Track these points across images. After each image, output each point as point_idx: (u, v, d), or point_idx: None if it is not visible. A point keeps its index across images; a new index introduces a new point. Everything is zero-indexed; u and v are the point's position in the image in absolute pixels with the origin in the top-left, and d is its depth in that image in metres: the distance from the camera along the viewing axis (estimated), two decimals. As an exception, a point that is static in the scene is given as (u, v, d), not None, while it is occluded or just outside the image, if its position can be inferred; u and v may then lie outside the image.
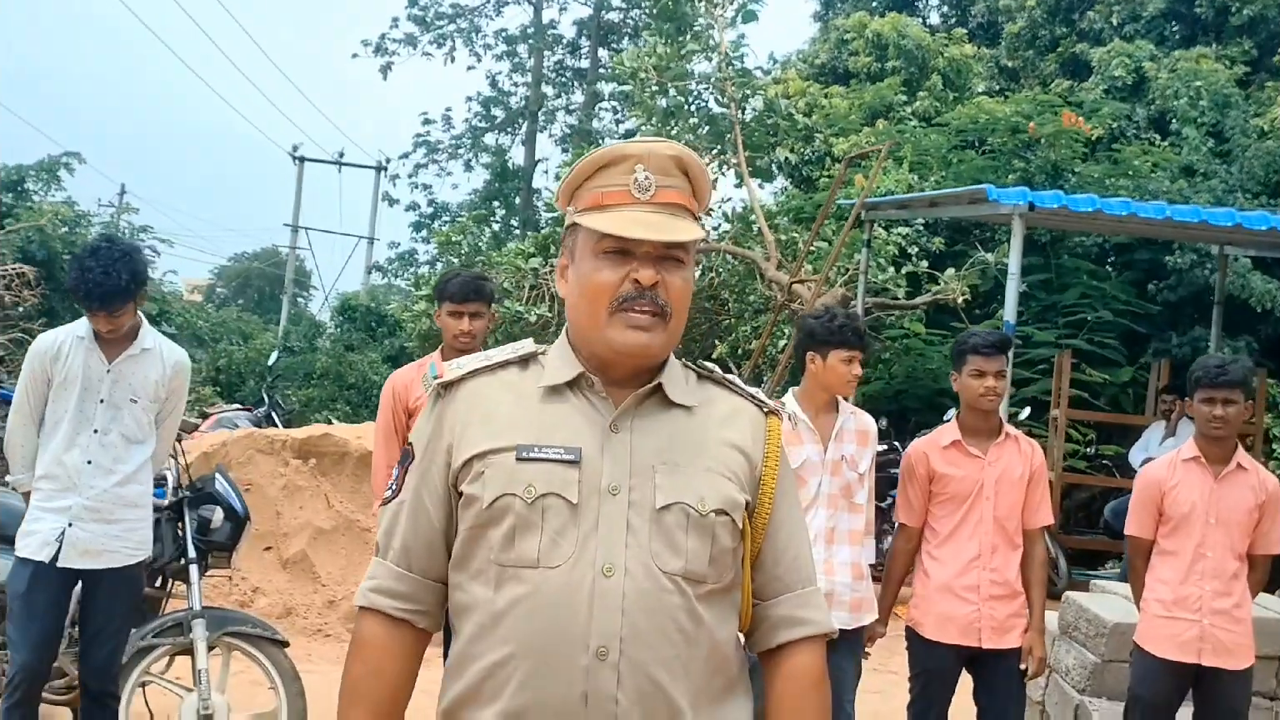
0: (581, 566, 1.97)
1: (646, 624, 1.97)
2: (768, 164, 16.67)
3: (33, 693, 4.81)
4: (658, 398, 2.10)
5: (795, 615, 2.17)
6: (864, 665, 5.10)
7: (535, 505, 1.99)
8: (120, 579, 4.83)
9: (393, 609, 2.12)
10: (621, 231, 2.02)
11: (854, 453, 4.78)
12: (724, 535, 2.05)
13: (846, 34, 19.85)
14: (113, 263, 4.64)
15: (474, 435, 2.08)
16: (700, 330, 16.17)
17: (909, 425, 13.50)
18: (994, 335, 5.00)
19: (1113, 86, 17.11)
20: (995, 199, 9.73)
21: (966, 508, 4.87)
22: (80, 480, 4.75)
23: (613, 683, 1.95)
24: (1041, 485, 4.96)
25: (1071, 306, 13.94)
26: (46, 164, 20.91)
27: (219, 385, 23.52)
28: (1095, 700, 5.93)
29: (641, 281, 2.02)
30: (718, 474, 2.07)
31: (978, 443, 4.92)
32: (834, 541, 4.72)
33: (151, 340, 4.95)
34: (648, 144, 2.09)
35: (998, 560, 4.85)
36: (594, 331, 2.07)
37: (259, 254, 56.51)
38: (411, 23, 35.58)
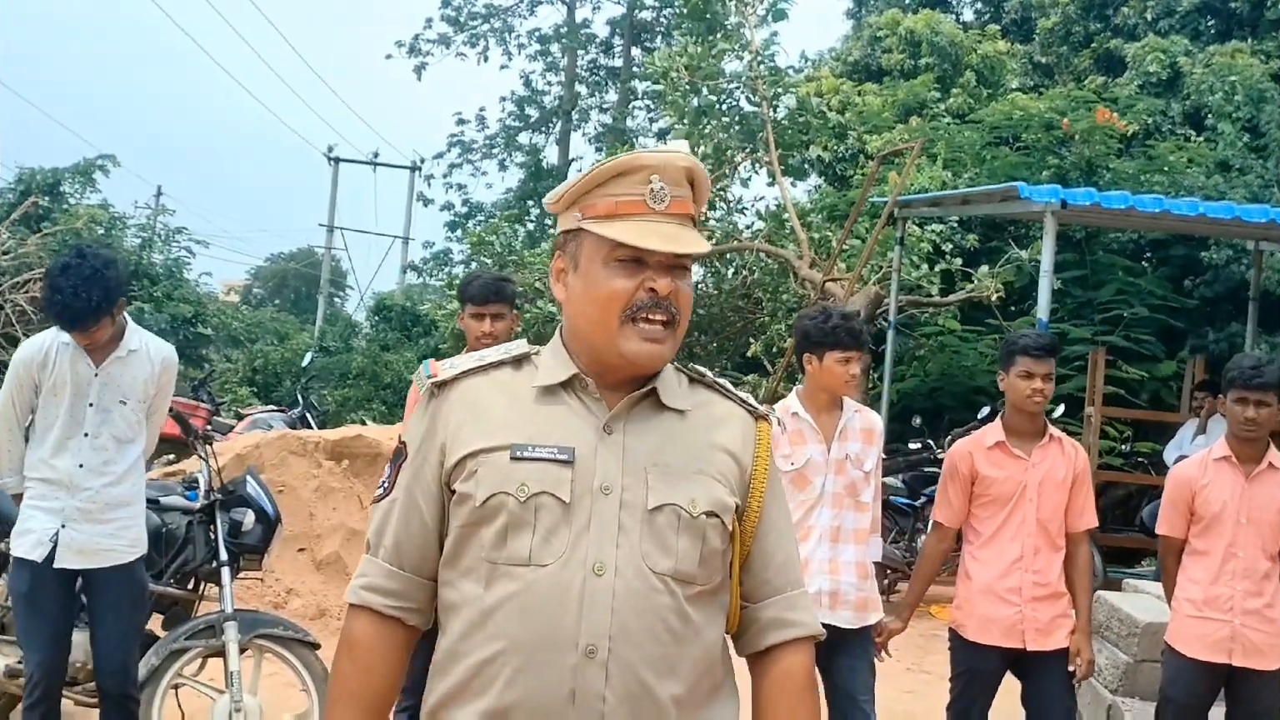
0: (573, 565, 1.98)
1: (636, 623, 1.98)
2: (800, 162, 16.66)
3: (51, 691, 4.85)
4: (651, 401, 2.12)
5: (784, 617, 2.18)
6: (899, 665, 5.07)
7: (528, 504, 2.00)
8: (120, 577, 4.85)
9: (383, 606, 2.13)
10: (640, 243, 2.03)
11: (859, 451, 4.76)
12: (714, 537, 2.07)
13: (879, 31, 19.79)
14: (83, 282, 4.58)
15: (467, 434, 2.09)
16: (734, 329, 16.17)
17: (943, 423, 13.46)
18: (1044, 337, 4.97)
19: (1147, 82, 16.99)
20: (1027, 196, 9.68)
21: (1009, 509, 4.85)
22: (73, 483, 4.78)
23: (600, 681, 1.96)
24: (1085, 488, 4.93)
25: (1107, 303, 13.85)
26: (82, 167, 21.08)
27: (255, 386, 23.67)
28: (1128, 700, 5.91)
29: (659, 290, 2.04)
30: (709, 477, 2.09)
31: (1022, 444, 4.89)
32: (839, 540, 4.70)
33: (138, 341, 4.94)
34: (663, 155, 2.11)
35: (1040, 562, 4.82)
36: (604, 339, 2.07)
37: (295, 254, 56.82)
38: (445, 23, 35.73)
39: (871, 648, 4.83)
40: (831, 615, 4.64)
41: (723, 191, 15.52)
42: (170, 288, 21.15)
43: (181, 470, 8.61)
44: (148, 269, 20.99)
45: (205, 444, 5.53)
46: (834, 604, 4.66)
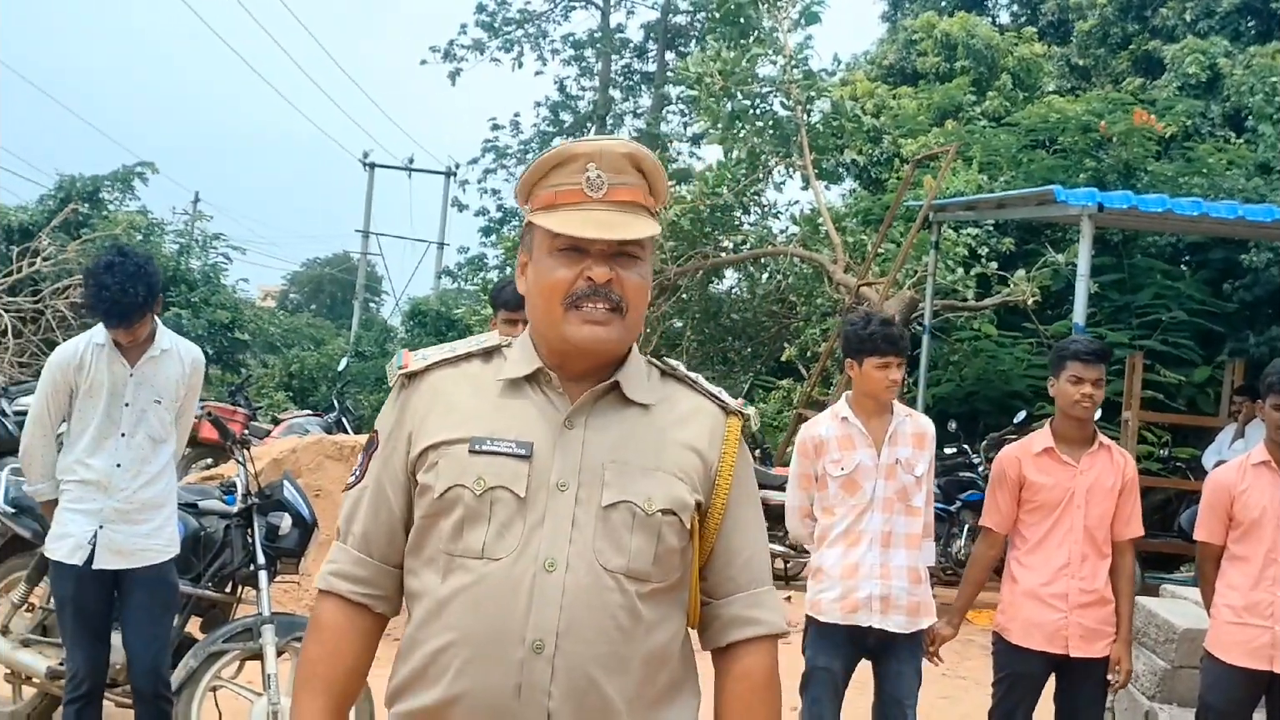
0: (524, 560, 1.99)
1: (584, 620, 1.98)
2: (835, 166, 16.61)
3: (93, 691, 4.94)
4: (615, 395, 2.11)
5: (746, 615, 2.17)
6: (934, 670, 5.06)
7: (484, 497, 2.01)
8: (153, 577, 4.92)
9: (350, 593, 2.16)
10: (573, 231, 2.03)
11: (910, 456, 4.75)
12: (670, 535, 2.06)
13: (915, 34, 19.73)
14: (128, 279, 4.70)
15: (432, 425, 2.11)
16: (768, 334, 16.15)
17: (979, 428, 13.40)
18: (1094, 343, 4.95)
19: (1186, 84, 16.86)
20: (1063, 200, 9.62)
21: (1056, 516, 4.83)
22: (112, 483, 4.85)
23: (546, 676, 1.96)
24: (1133, 496, 4.89)
25: (1145, 307, 13.76)
26: (121, 174, 21.24)
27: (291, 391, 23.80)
28: (1165, 707, 5.87)
29: (595, 279, 2.04)
30: (668, 474, 2.08)
31: (1070, 450, 4.87)
32: (890, 545, 4.69)
33: (169, 341, 5.03)
34: (599, 142, 2.10)
35: (1087, 569, 4.80)
36: (550, 328, 2.08)
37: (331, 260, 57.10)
38: (479, 29, 35.79)
39: (921, 653, 4.82)
40: (883, 620, 4.64)
41: (757, 196, 15.51)
42: (208, 293, 21.30)
43: (218, 474, 8.66)
44: (185, 275, 21.15)
45: (243, 449, 5.57)
46: (885, 609, 4.65)
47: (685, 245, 14.68)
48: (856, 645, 4.75)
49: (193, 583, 5.42)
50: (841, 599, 4.69)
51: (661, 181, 2.15)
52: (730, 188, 14.57)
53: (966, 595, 5.14)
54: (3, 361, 16.24)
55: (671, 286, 14.90)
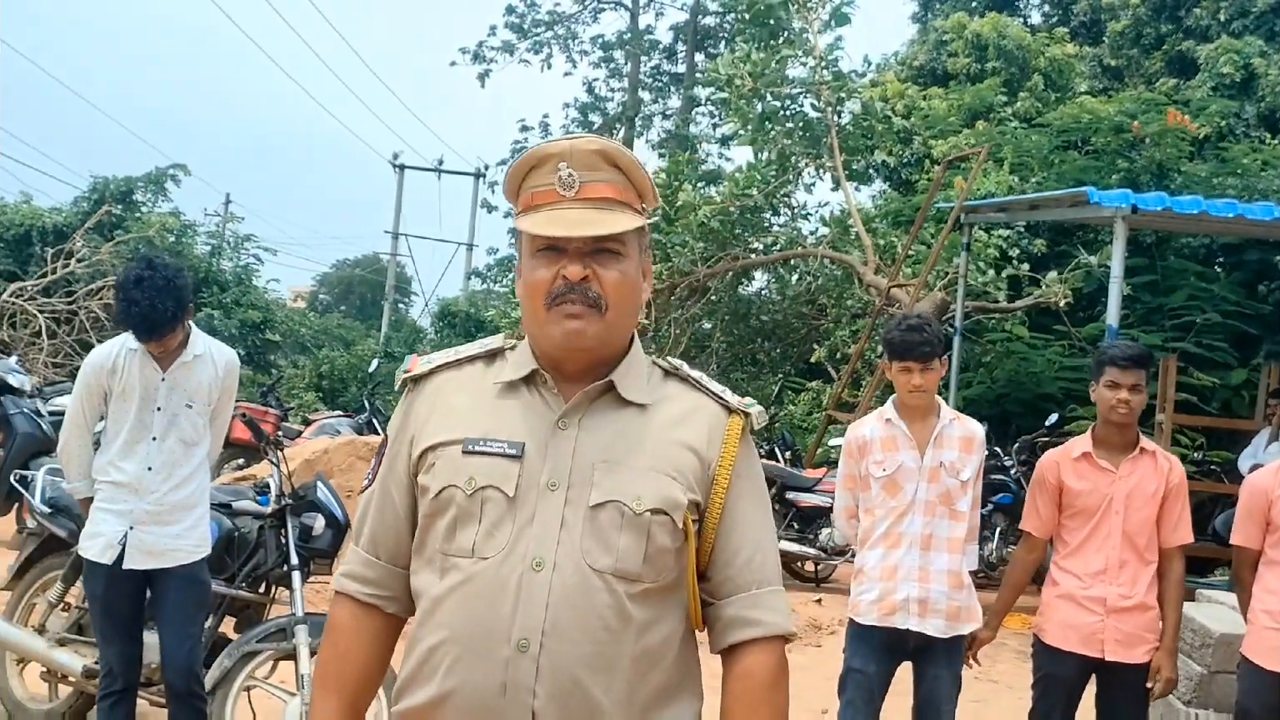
0: (512, 559, 2.00)
1: (570, 619, 1.98)
2: (865, 167, 16.58)
3: (126, 688, 4.98)
4: (612, 395, 2.11)
5: (746, 615, 2.14)
6: (967, 673, 5.03)
7: (474, 497, 2.03)
8: (185, 577, 4.95)
9: (361, 594, 2.18)
10: (542, 230, 2.05)
11: (955, 459, 4.71)
12: (661, 535, 2.05)
13: (945, 35, 19.68)
14: (157, 293, 4.73)
15: (432, 427, 2.13)
16: (798, 335, 16.14)
17: (1011, 430, 13.34)
18: (1133, 348, 4.88)
19: (1220, 84, 16.77)
20: (1097, 201, 9.57)
21: (1095, 522, 4.78)
22: (143, 486, 4.88)
23: (531, 675, 1.96)
24: (1179, 502, 4.82)
25: (1179, 309, 13.66)
26: (154, 175, 21.41)
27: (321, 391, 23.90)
28: (1202, 712, 5.82)
29: (569, 277, 2.04)
30: (660, 473, 2.06)
31: (1110, 456, 4.82)
32: (931, 549, 4.66)
33: (202, 346, 5.05)
34: (570, 141, 2.10)
35: (1125, 575, 4.75)
36: (536, 328, 2.10)
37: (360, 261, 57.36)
38: (509, 30, 35.90)
39: (960, 658, 4.79)
40: (921, 623, 4.62)
41: (787, 197, 15.49)
42: (239, 294, 21.43)
43: (251, 475, 8.70)
44: (217, 276, 21.28)
45: (276, 449, 5.59)
46: (924, 612, 4.63)
47: (715, 247, 14.67)
48: (895, 648, 4.72)
49: (227, 583, 5.44)
50: (879, 601, 4.67)
51: (639, 174, 2.13)
52: (760, 189, 14.56)
53: (1005, 599, 5.10)
54: (37, 362, 16.36)
55: (701, 288, 14.90)
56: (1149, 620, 4.77)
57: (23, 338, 17.09)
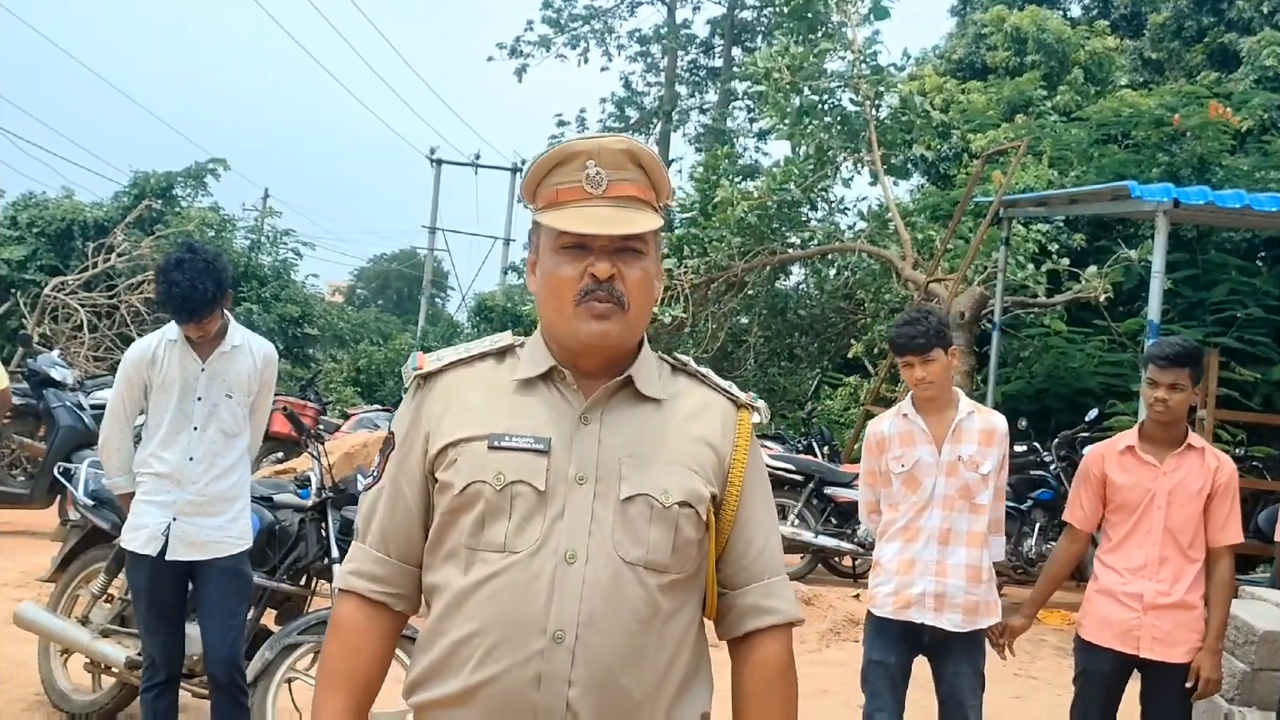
0: (545, 552, 2.01)
1: (605, 611, 2.00)
2: (903, 161, 16.52)
3: (169, 680, 5.01)
4: (628, 391, 2.13)
5: (761, 604, 2.19)
6: (1006, 669, 4.98)
7: (504, 492, 2.04)
8: (227, 569, 4.97)
9: (369, 591, 2.18)
10: (574, 227, 2.06)
11: (974, 453, 4.67)
12: (687, 527, 2.08)
13: (984, 28, 19.58)
14: (197, 275, 4.76)
15: (449, 424, 2.13)
16: (835, 330, 16.10)
17: (1050, 426, 13.27)
18: (1173, 347, 4.81)
19: (1263, 77, 16.62)
20: (1138, 195, 9.50)
21: (1137, 516, 4.75)
22: (185, 476, 4.91)
23: (566, 667, 1.98)
24: (1227, 501, 4.76)
25: (1220, 303, 13.56)
26: (194, 170, 21.58)
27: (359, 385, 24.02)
28: (1244, 710, 5.78)
29: (597, 275, 2.06)
30: (683, 467, 2.10)
31: (1155, 451, 4.79)
32: (949, 543, 4.63)
33: (240, 337, 5.08)
34: (598, 139, 2.12)
35: (1166, 572, 4.71)
36: (560, 325, 2.11)
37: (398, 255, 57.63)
38: (545, 25, 35.95)
39: (980, 654, 4.75)
40: (937, 617, 4.59)
41: (824, 192, 15.45)
42: (278, 288, 21.56)
43: (291, 469, 8.76)
44: (256, 270, 21.41)
45: (317, 443, 5.62)
46: (940, 606, 4.60)
47: (752, 241, 14.66)
48: (911, 641, 4.70)
49: (268, 576, 5.48)
50: (895, 594, 4.65)
51: (661, 175, 2.16)
52: (798, 183, 14.54)
53: (1043, 590, 5.08)
54: (79, 356, 16.51)
55: (739, 283, 14.88)
56: (1191, 619, 4.71)
57: (64, 331, 17.25)
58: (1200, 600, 4.75)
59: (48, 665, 6.03)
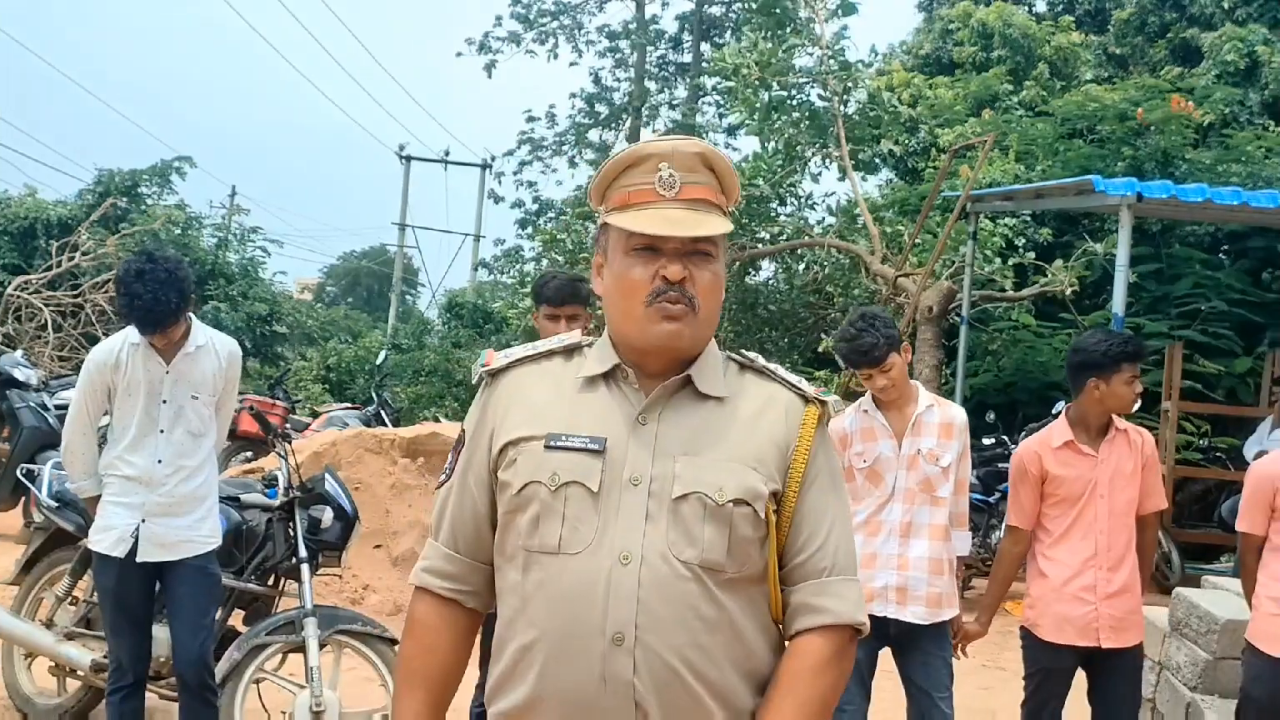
0: (599, 554, 2.01)
1: (663, 611, 1.99)
2: (871, 157, 16.57)
3: (135, 682, 5.00)
4: (689, 390, 2.13)
5: (811, 603, 2.11)
6: (973, 661, 5.03)
7: (558, 493, 2.04)
8: (197, 569, 4.96)
9: (441, 589, 2.19)
10: (647, 229, 2.06)
11: (934, 446, 4.70)
12: (744, 525, 2.06)
13: (951, 24, 19.65)
14: (160, 286, 4.73)
15: (512, 422, 2.14)
16: (805, 325, 16.13)
17: (1018, 418, 13.34)
18: (1135, 343, 4.87)
19: (1225, 72, 16.74)
20: (1102, 189, 9.57)
21: (1080, 507, 4.80)
22: (153, 479, 4.90)
23: (629, 668, 1.98)
24: (1153, 472, 4.88)
25: (1184, 297, 13.67)
26: (159, 168, 21.42)
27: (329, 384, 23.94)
28: (1207, 698, 5.83)
29: (670, 277, 2.06)
30: (741, 464, 2.08)
31: (1090, 441, 4.84)
32: (911, 536, 4.66)
33: (204, 336, 5.06)
34: (671, 141, 2.13)
35: (1113, 558, 4.77)
36: (630, 326, 2.11)
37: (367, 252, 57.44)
38: (515, 20, 35.82)
39: (948, 644, 4.79)
40: (900, 611, 4.62)
41: (793, 187, 15.48)
42: (245, 287, 21.44)
43: (259, 468, 8.72)
44: (223, 268, 21.28)
45: (284, 442, 5.61)
46: (902, 599, 4.63)
47: (721, 236, 14.65)
48: (876, 634, 4.72)
49: (235, 576, 5.46)
50: None
51: (732, 179, 2.17)
52: (767, 179, 14.55)
53: (995, 593, 5.11)
54: (43, 356, 16.40)
55: (708, 278, 14.86)
56: (1136, 603, 4.81)
57: (28, 331, 17.12)
58: (1138, 581, 4.83)
59: (11, 669, 6.00)
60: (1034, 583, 4.94)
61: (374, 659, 5.34)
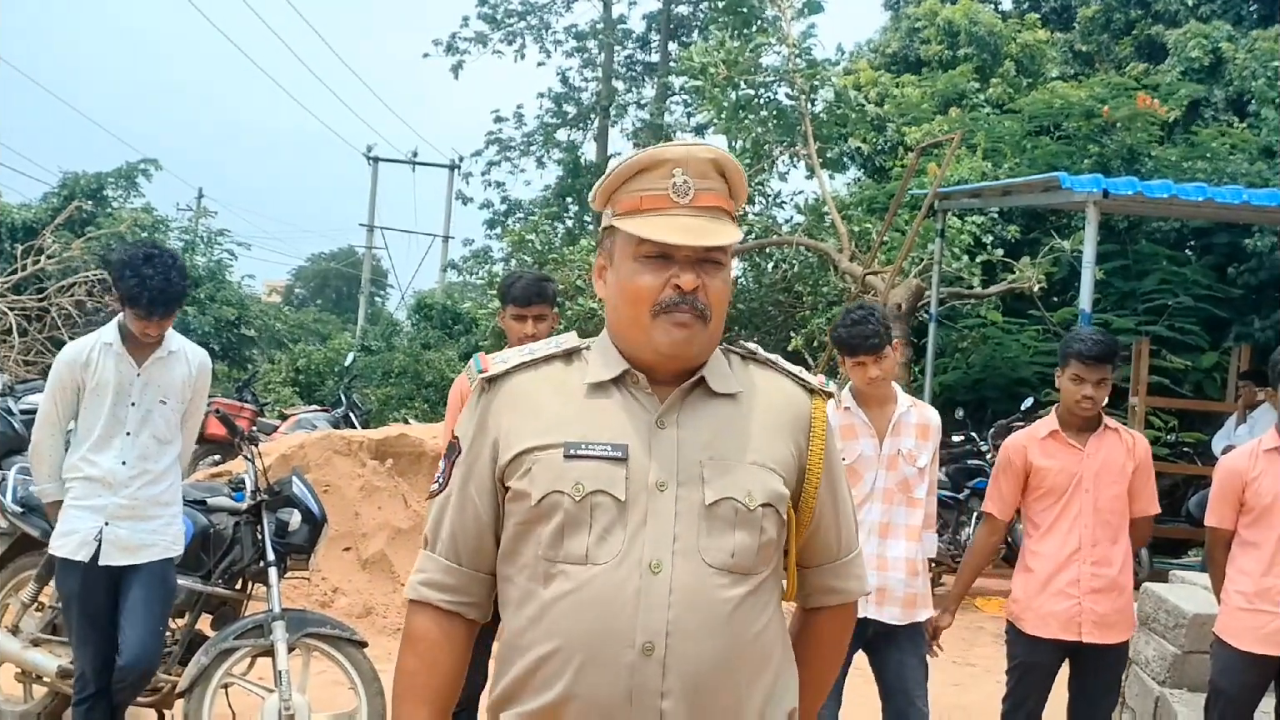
0: (629, 563, 1.99)
1: (693, 620, 1.98)
2: (839, 155, 16.60)
3: (101, 689, 4.94)
4: (701, 390, 2.11)
5: (831, 584, 2.27)
6: (944, 657, 5.05)
7: (584, 503, 2.01)
8: (155, 574, 4.92)
9: (443, 601, 2.15)
10: (663, 237, 2.03)
11: (913, 447, 4.70)
12: (770, 527, 2.07)
13: (917, 22, 19.70)
14: (168, 270, 4.75)
15: (521, 431, 2.09)
16: (775, 323, 16.14)
17: (987, 415, 13.39)
18: (1099, 344, 4.85)
19: (1189, 68, 16.84)
20: (1068, 186, 9.61)
21: (1065, 500, 4.81)
22: (116, 481, 4.85)
23: (658, 678, 1.96)
24: (1146, 476, 4.89)
25: (1151, 292, 13.76)
26: (125, 170, 21.24)
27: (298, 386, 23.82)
28: (1176, 692, 5.86)
29: (683, 287, 2.04)
30: (763, 467, 2.08)
31: (1076, 435, 4.85)
32: (889, 536, 4.66)
33: (176, 343, 5.04)
34: (686, 147, 2.09)
35: (1099, 554, 4.77)
36: (637, 334, 2.08)
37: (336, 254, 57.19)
38: (482, 21, 35.70)
39: (923, 644, 4.79)
40: (878, 611, 4.62)
41: (761, 185, 15.49)
42: (213, 290, 21.31)
43: (227, 471, 8.67)
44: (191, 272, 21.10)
45: (251, 445, 5.57)
46: (881, 600, 4.62)
47: (690, 236, 14.63)
48: (855, 636, 4.72)
49: (203, 580, 5.42)
50: None
51: (743, 184, 2.15)
52: (735, 178, 14.53)
53: (964, 581, 5.13)
54: (8, 360, 16.25)
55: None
56: (1125, 601, 4.82)
57: (-8, 336, 16.97)
58: (1130, 580, 4.85)
59: (-23, 676, 5.94)
60: (1020, 576, 4.96)
61: (343, 662, 5.31)
